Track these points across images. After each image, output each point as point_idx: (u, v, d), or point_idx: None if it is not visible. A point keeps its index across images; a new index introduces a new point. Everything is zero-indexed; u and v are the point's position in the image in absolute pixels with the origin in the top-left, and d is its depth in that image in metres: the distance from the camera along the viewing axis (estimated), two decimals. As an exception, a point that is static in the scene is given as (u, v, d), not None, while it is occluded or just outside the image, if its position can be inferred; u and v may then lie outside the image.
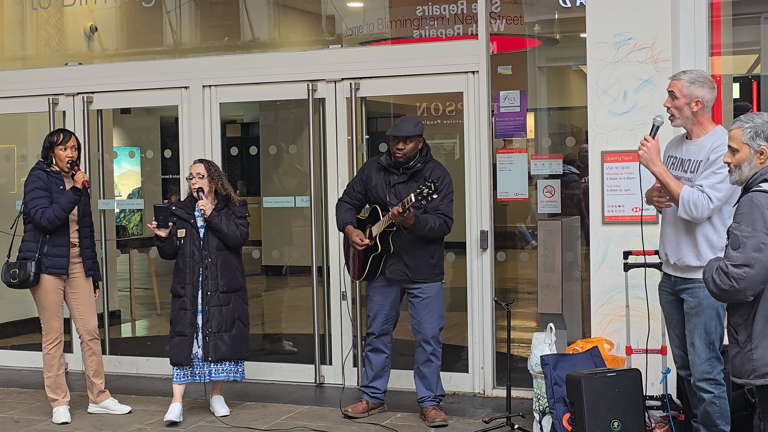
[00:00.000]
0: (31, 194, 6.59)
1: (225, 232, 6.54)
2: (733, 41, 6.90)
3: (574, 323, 7.20)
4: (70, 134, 6.72)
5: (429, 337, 6.46)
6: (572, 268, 7.22)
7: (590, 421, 5.35)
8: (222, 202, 6.65)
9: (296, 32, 9.02)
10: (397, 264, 6.43)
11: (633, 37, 6.34)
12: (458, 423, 6.46)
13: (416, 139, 6.39)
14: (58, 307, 6.72)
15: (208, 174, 6.64)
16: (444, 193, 6.35)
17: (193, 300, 6.55)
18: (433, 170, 6.42)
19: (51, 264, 6.58)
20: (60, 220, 6.52)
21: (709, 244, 5.09)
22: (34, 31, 9.25)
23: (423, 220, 6.24)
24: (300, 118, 8.36)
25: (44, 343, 6.73)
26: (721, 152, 4.93)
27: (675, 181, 5.10)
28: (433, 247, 6.43)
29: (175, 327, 6.58)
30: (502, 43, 7.59)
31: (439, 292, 6.49)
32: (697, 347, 5.15)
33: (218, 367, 6.57)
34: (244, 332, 6.69)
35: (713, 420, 5.19)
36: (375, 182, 6.53)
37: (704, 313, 5.12)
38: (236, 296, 6.64)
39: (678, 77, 5.24)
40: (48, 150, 6.69)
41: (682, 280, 5.21)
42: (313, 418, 6.67)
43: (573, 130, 7.63)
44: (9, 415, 6.95)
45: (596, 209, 6.47)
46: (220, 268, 6.57)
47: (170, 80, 8.02)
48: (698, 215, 5.02)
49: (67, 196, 6.54)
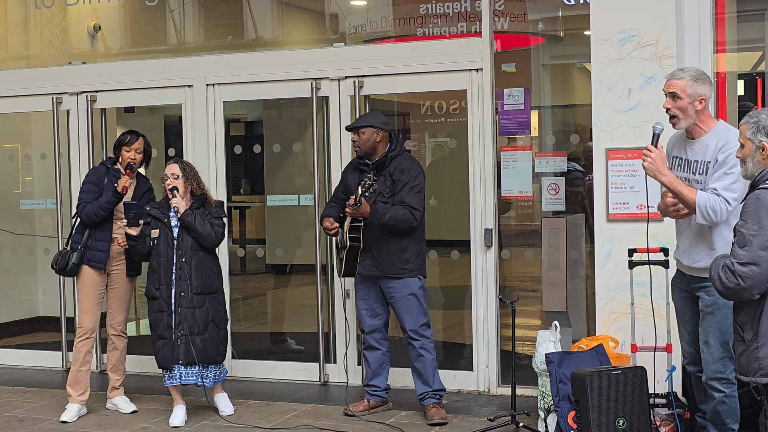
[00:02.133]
0: (82, 187, 6.83)
1: (199, 231, 6.46)
2: (737, 38, 6.87)
3: (578, 321, 7.18)
4: (137, 137, 6.78)
5: (414, 334, 6.45)
6: (577, 266, 7.21)
7: (595, 419, 5.34)
8: (198, 201, 6.60)
9: (300, 30, 9.01)
10: (369, 259, 6.46)
11: (637, 34, 6.33)
12: (463, 421, 6.45)
13: (369, 130, 6.45)
14: (94, 303, 6.75)
15: (183, 174, 6.57)
16: (410, 186, 6.37)
17: (168, 301, 6.45)
18: (399, 163, 6.45)
19: (91, 257, 6.69)
20: (97, 218, 6.62)
21: (725, 244, 4.89)
22: (38, 30, 9.25)
23: (381, 209, 6.28)
24: (304, 117, 8.35)
25: (75, 336, 6.81)
26: (729, 151, 4.87)
27: (687, 188, 4.95)
28: (405, 242, 6.41)
29: (155, 330, 6.49)
30: (506, 41, 7.57)
31: (417, 289, 6.44)
32: (711, 346, 5.09)
33: (187, 371, 6.44)
34: (218, 336, 6.54)
35: (722, 419, 5.17)
36: (350, 181, 6.62)
37: (720, 312, 5.02)
38: (211, 298, 6.53)
39: (677, 76, 5.07)
40: (116, 149, 6.80)
41: (697, 278, 5.12)
42: (318, 416, 6.66)
43: (577, 128, 7.61)
44: (14, 414, 6.96)
45: (601, 207, 6.46)
46: (194, 268, 6.47)
47: (174, 79, 8.01)
48: (717, 219, 4.89)
49: (106, 196, 6.65)
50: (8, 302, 9.39)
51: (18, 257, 9.43)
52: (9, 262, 9.43)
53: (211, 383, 6.55)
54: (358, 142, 6.50)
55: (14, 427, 6.59)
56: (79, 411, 6.78)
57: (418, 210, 6.36)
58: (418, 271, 6.46)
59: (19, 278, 9.51)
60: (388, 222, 6.30)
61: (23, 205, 9.28)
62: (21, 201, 9.31)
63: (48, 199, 8.77)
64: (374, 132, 6.47)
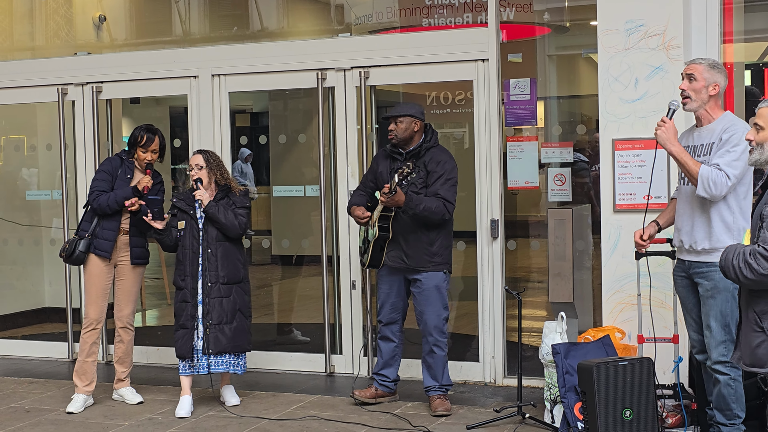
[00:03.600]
0: (96, 176, 6.83)
1: (223, 222, 6.51)
2: (744, 28, 6.85)
3: (585, 312, 7.18)
4: (154, 137, 6.75)
5: (431, 328, 6.43)
6: (583, 257, 7.20)
7: (602, 410, 5.33)
8: (222, 192, 6.64)
9: (305, 21, 9.00)
10: (396, 251, 6.42)
11: (644, 24, 6.31)
12: (469, 412, 6.45)
13: (408, 119, 6.40)
14: (100, 294, 6.76)
15: (207, 165, 6.63)
16: (445, 177, 6.32)
17: (193, 292, 6.53)
18: (435, 155, 6.41)
19: (97, 245, 6.69)
20: (110, 210, 6.64)
21: (725, 225, 5.14)
22: (43, 21, 9.25)
23: (416, 199, 6.23)
24: (309, 107, 8.34)
25: (81, 327, 6.82)
26: (733, 132, 5.10)
27: (692, 160, 5.15)
28: (434, 234, 6.37)
29: (178, 320, 6.58)
30: (512, 31, 7.56)
31: (441, 283, 6.43)
32: (713, 329, 5.18)
33: (218, 359, 6.52)
34: (246, 324, 6.65)
35: (728, 403, 5.20)
36: (381, 169, 6.55)
37: (720, 296, 5.15)
38: (237, 288, 6.61)
39: (697, 62, 5.31)
40: (132, 146, 6.78)
41: (696, 263, 5.25)
42: (324, 407, 6.66)
43: (583, 119, 7.60)
44: (20, 404, 6.97)
45: (607, 197, 6.44)
46: (220, 259, 6.54)
47: (179, 69, 8.00)
48: (717, 192, 5.06)
49: (125, 192, 6.64)
50: (14, 293, 9.40)
51: (24, 248, 9.44)
52: (15, 253, 9.45)
53: (242, 371, 6.64)
54: (395, 131, 6.43)
55: (21, 418, 6.60)
56: (86, 402, 6.79)
57: (451, 203, 6.32)
58: (444, 265, 6.42)
59: (25, 269, 9.52)
60: (422, 212, 6.23)
61: (29, 197, 9.28)
62: (27, 192, 9.32)
63: (54, 190, 8.78)
64: (413, 121, 6.43)
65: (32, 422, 6.50)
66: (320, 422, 6.30)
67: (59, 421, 6.50)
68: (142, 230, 6.76)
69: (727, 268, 4.15)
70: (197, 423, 6.37)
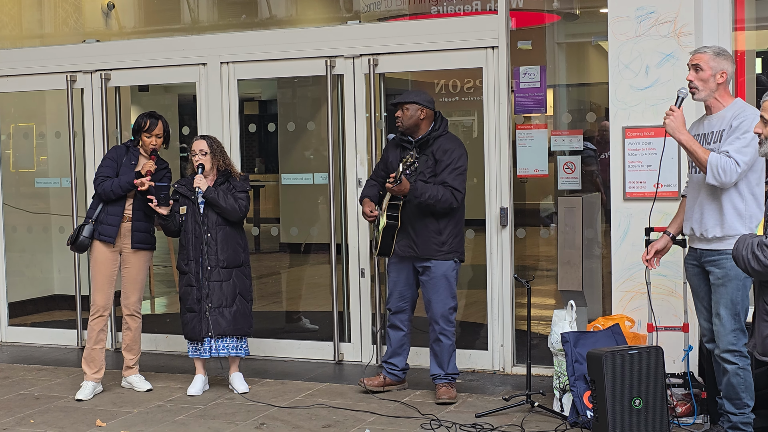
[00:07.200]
0: (101, 162, 6.89)
1: (223, 207, 6.58)
2: (756, 16, 6.80)
3: (594, 300, 7.16)
4: (157, 121, 6.77)
5: (437, 316, 6.42)
6: (592, 245, 7.18)
7: (611, 399, 5.32)
8: (222, 177, 6.70)
9: (314, 8, 8.96)
10: (406, 239, 6.41)
11: (655, 11, 6.27)
12: (478, 400, 6.44)
13: (414, 106, 6.37)
14: (106, 281, 6.77)
15: (211, 151, 6.69)
16: (453, 166, 6.30)
17: (197, 276, 6.63)
18: (443, 143, 6.38)
19: (101, 231, 6.71)
20: (114, 195, 6.68)
21: (736, 213, 5.13)
22: (52, 8, 9.24)
23: (421, 188, 6.21)
24: (318, 95, 8.32)
25: (89, 315, 6.84)
26: (743, 119, 5.08)
27: (702, 148, 5.13)
28: (443, 223, 6.36)
29: (185, 303, 6.70)
30: (522, 19, 7.52)
31: (450, 272, 6.41)
32: (723, 318, 5.17)
33: (219, 343, 6.63)
34: (247, 308, 6.74)
35: (737, 392, 5.19)
36: (391, 159, 6.54)
37: (731, 284, 5.14)
38: (238, 271, 6.68)
39: (702, 51, 5.27)
40: (136, 133, 6.81)
41: (707, 252, 5.23)
42: (332, 395, 6.67)
43: (593, 107, 7.56)
44: (30, 391, 6.98)
45: (617, 185, 6.42)
46: (220, 243, 6.62)
47: (188, 57, 7.99)
48: (727, 180, 5.04)
49: (128, 177, 6.67)
50: (24, 281, 9.41)
51: (33, 236, 9.45)
52: (24, 241, 9.45)
53: (245, 353, 6.71)
54: (401, 118, 6.42)
55: (30, 405, 6.61)
56: (95, 389, 6.80)
57: (459, 191, 6.30)
58: (454, 253, 6.40)
59: (34, 257, 9.53)
60: (427, 201, 6.22)
61: (38, 184, 9.29)
62: (36, 179, 9.32)
63: (63, 177, 8.78)
64: (418, 109, 6.40)
65: (41, 409, 6.51)
66: (329, 410, 6.30)
67: (68, 408, 6.52)
68: (148, 214, 6.77)
69: (738, 258, 4.15)
70: (206, 410, 6.37)
